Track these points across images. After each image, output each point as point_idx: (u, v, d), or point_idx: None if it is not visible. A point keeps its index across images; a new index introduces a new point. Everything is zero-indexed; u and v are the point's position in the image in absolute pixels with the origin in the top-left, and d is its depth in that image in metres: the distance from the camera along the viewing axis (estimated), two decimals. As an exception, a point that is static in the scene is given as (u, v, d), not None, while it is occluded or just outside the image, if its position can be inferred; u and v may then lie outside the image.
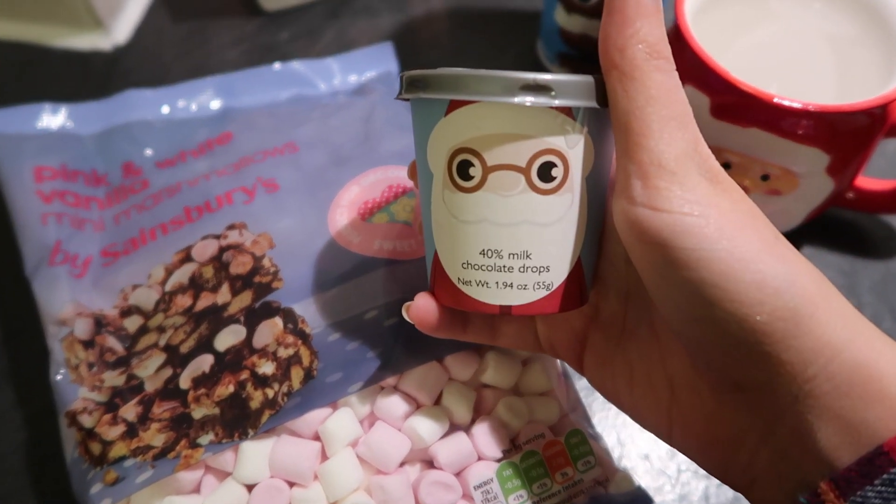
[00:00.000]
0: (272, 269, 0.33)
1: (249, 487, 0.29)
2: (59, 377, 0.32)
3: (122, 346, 0.33)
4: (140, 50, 0.51)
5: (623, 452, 0.36)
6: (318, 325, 0.31)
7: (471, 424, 0.30)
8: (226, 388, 0.30)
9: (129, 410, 0.30)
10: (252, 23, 0.52)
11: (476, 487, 0.29)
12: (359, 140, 0.39)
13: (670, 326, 0.23)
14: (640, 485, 0.31)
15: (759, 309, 0.20)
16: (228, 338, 0.31)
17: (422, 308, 0.26)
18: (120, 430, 0.30)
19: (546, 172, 0.23)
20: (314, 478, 0.29)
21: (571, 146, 0.23)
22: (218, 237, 0.35)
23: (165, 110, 0.43)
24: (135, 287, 0.34)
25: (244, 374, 0.30)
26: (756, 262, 0.20)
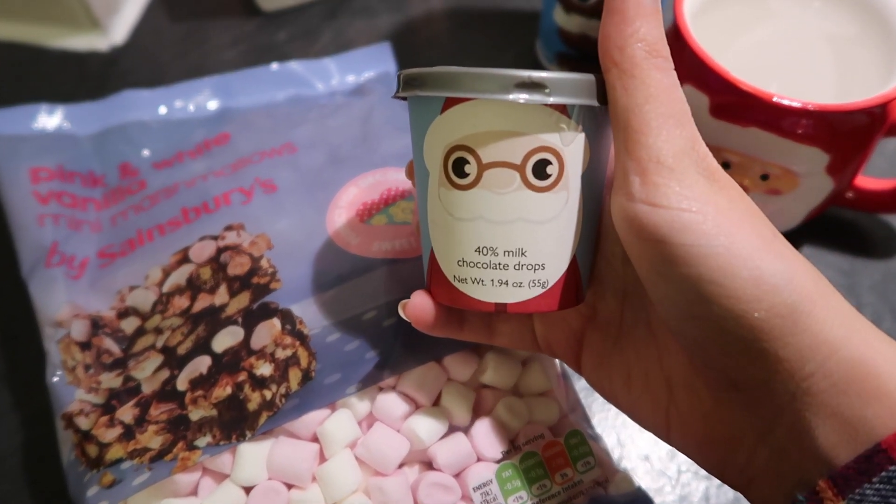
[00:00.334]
0: (270, 270, 0.33)
1: (247, 490, 0.28)
2: (56, 379, 0.32)
3: (118, 348, 0.33)
4: (137, 50, 0.51)
5: (623, 453, 0.35)
6: (316, 326, 0.31)
7: (470, 425, 0.30)
8: (223, 390, 0.30)
9: (126, 412, 0.30)
10: (250, 23, 0.52)
11: (475, 489, 0.29)
12: (357, 140, 0.39)
13: (668, 325, 0.23)
14: (640, 486, 0.31)
15: (756, 305, 0.20)
16: (226, 339, 0.31)
17: (418, 306, 0.26)
18: (117, 432, 0.30)
19: (541, 170, 0.23)
20: (312, 479, 0.29)
21: (567, 144, 0.23)
22: (216, 238, 0.35)
23: (163, 111, 0.43)
24: (132, 288, 0.34)
25: (242, 376, 0.30)
26: (754, 258, 0.20)
